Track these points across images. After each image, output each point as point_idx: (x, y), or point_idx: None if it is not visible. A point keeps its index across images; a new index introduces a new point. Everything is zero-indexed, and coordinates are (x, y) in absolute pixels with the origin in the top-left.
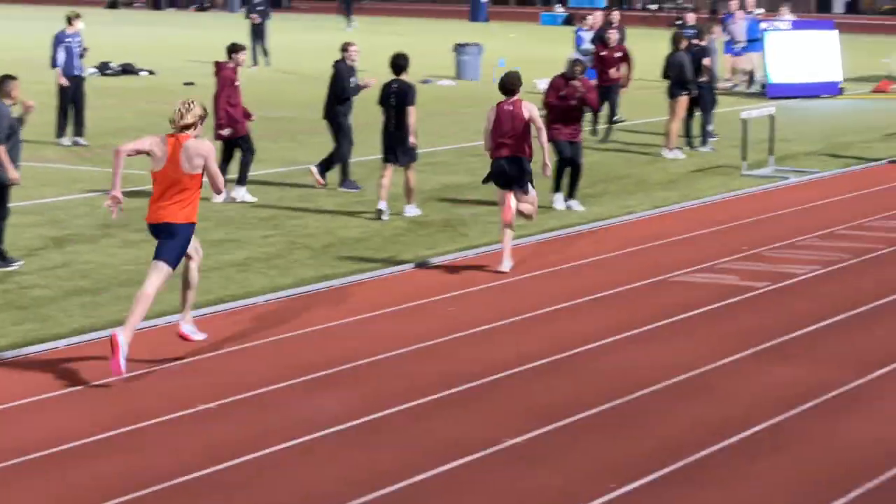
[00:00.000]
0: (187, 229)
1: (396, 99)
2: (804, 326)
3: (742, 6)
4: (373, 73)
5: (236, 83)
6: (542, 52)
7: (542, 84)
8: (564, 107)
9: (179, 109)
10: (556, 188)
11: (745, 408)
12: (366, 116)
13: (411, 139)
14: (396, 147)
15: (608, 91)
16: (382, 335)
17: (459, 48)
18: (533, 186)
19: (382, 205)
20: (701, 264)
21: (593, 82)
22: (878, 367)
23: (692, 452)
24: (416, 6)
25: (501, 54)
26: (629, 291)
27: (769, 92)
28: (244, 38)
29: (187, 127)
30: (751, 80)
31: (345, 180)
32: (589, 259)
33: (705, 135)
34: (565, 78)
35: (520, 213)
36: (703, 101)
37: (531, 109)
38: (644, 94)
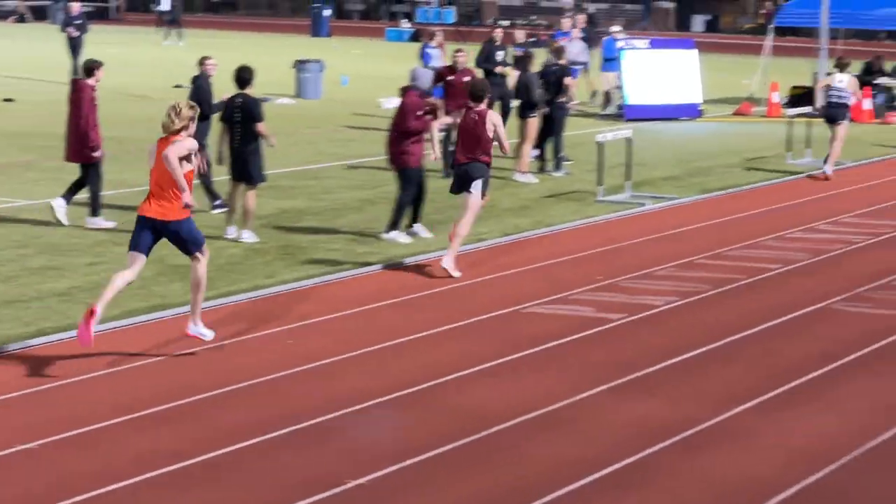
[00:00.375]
0: (179, 225)
1: (241, 114)
2: (662, 360)
3: (574, 25)
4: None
5: (96, 102)
6: (387, 69)
7: (388, 103)
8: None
9: (170, 114)
10: (400, 220)
11: (603, 445)
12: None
13: (272, 140)
14: (241, 165)
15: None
16: (218, 369)
17: (300, 65)
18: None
19: (231, 231)
20: (554, 295)
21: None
22: (739, 403)
23: (548, 492)
24: (252, 20)
25: (344, 71)
26: (480, 323)
27: (626, 114)
28: (62, 51)
29: (179, 131)
30: (607, 102)
31: (215, 200)
32: (436, 289)
33: (558, 159)
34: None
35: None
36: (556, 123)
37: (496, 121)
38: None
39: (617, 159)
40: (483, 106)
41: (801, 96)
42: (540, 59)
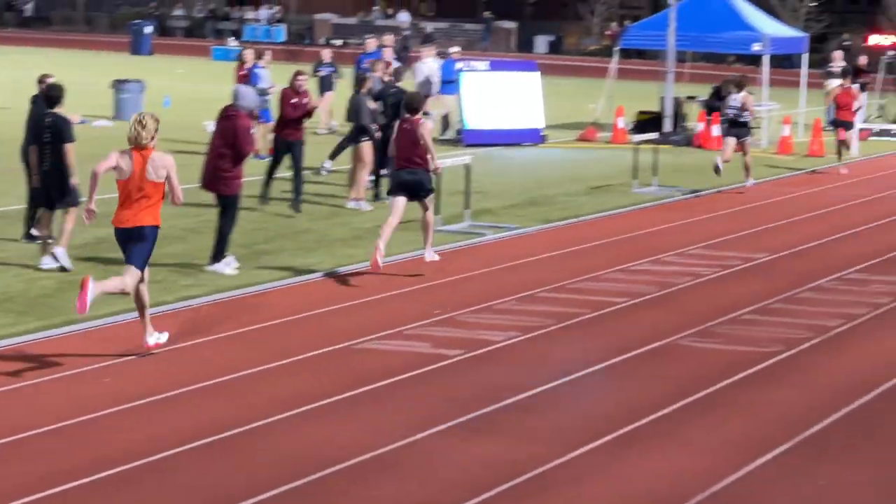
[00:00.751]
0: (154, 231)
1: (52, 134)
2: (502, 399)
3: (383, 45)
4: (17, 110)
5: None
6: (213, 89)
7: (212, 126)
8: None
9: (135, 128)
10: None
11: (439, 488)
12: (10, 161)
13: (72, 180)
14: (52, 188)
15: (291, 145)
16: (21, 410)
17: (118, 85)
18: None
19: (47, 261)
20: (389, 330)
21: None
22: (584, 444)
23: None
24: (68, 36)
25: (168, 92)
26: (309, 360)
27: (465, 139)
28: None
29: (147, 142)
30: (445, 126)
31: (31, 228)
32: (264, 324)
33: None
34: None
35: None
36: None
37: (425, 131)
38: (330, 139)
39: (455, 186)
40: (417, 116)
41: (647, 122)
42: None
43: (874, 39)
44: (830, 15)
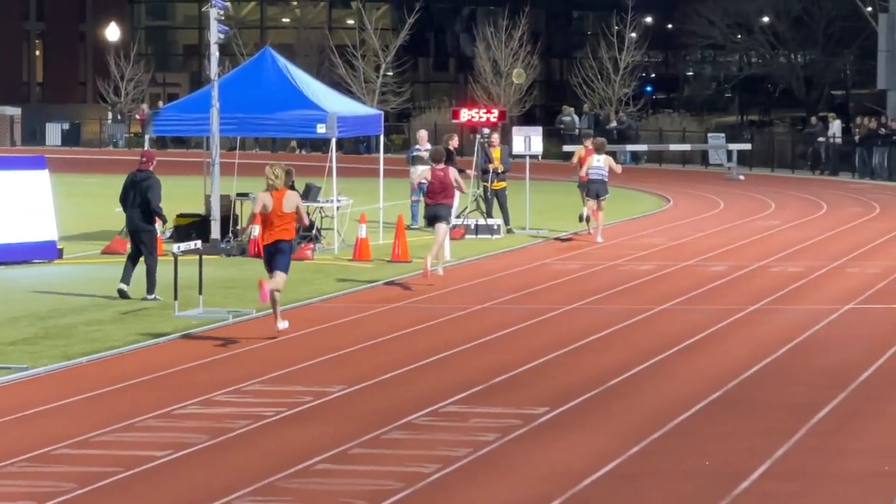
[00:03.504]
0: (289, 243)
1: None
2: None
3: None
4: None
5: None
6: None
7: None
8: None
9: (270, 176)
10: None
11: None
12: None
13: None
14: None
15: None
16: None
17: None
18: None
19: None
20: None
21: None
22: None
23: None
24: None
25: None
26: None
27: None
28: None
29: (280, 186)
30: None
31: None
32: None
33: None
34: None
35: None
36: None
37: (454, 173)
38: None
39: None
40: (443, 165)
41: (189, 226)
42: None
43: (466, 114)
44: (413, 86)
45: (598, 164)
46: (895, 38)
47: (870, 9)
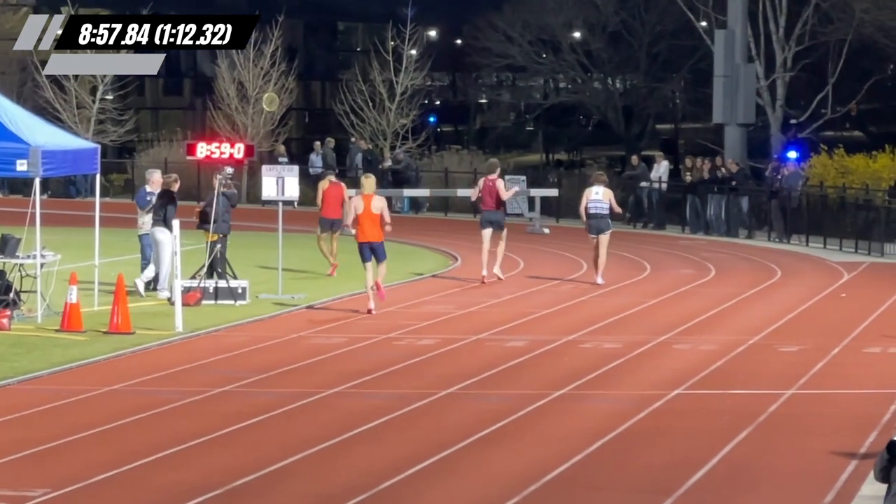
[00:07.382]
0: (382, 242)
1: None
2: None
3: None
4: None
5: None
6: None
7: None
8: None
9: (363, 182)
10: None
11: None
12: None
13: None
14: None
15: None
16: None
17: None
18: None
19: None
20: None
21: None
22: None
23: None
24: None
25: None
26: None
27: None
28: None
29: (370, 191)
30: None
31: None
32: None
33: None
34: None
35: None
36: None
37: (500, 185)
38: None
39: None
40: (494, 176)
41: None
42: None
43: (204, 150)
44: (139, 113)
45: (597, 196)
46: (734, 61)
47: (704, 23)
